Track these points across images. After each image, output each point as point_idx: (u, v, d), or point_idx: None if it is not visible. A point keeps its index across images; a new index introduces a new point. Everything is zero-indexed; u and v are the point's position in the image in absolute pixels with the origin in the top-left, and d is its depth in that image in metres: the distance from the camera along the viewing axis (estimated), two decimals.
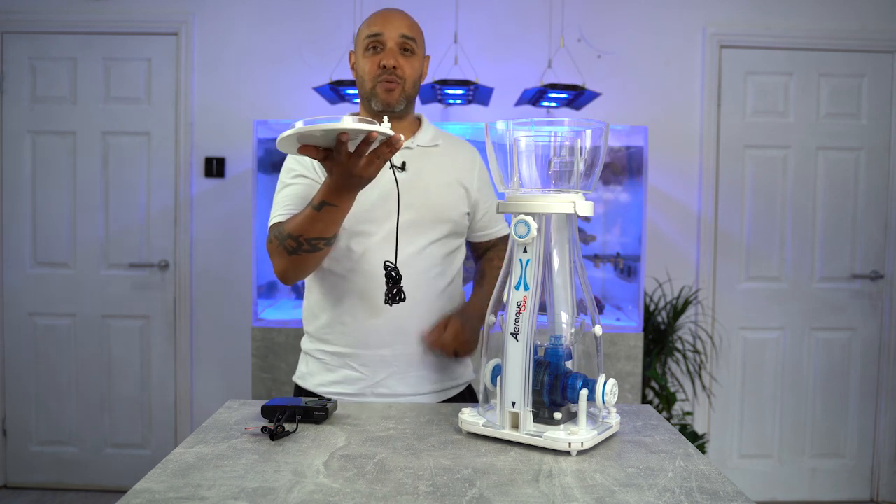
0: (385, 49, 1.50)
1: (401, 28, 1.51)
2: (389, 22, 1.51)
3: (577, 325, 1.21)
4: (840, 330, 3.29)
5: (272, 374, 2.73)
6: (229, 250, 3.21)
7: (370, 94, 1.52)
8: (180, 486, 0.97)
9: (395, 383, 1.54)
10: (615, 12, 3.21)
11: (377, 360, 1.52)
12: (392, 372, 1.53)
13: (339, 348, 1.54)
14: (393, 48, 1.50)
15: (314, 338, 1.59)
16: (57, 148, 3.22)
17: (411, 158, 1.55)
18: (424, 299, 1.53)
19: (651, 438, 1.22)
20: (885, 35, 3.21)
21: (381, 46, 1.51)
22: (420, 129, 1.61)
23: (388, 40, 1.50)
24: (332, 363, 1.56)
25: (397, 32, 1.50)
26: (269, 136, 2.94)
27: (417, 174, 1.53)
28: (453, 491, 0.97)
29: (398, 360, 1.53)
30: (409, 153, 1.55)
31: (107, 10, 3.17)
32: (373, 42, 1.51)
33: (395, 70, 1.50)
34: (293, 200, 1.49)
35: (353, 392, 1.54)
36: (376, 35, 1.50)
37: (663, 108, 3.22)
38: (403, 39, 1.51)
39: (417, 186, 1.52)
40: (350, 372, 1.54)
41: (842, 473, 3.32)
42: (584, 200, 1.20)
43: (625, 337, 2.75)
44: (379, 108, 1.53)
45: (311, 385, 1.58)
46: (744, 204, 3.26)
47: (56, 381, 3.26)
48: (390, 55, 1.50)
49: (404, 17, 1.54)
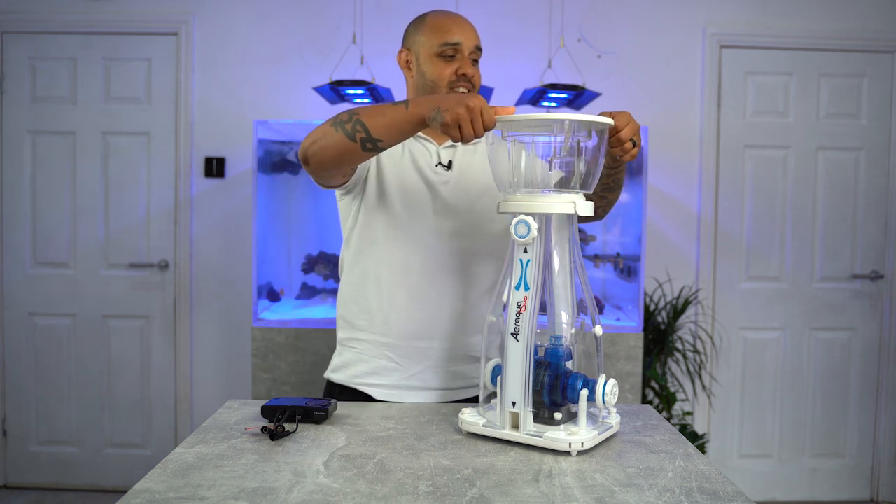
0: (463, 57, 1.54)
1: (475, 39, 1.56)
2: (466, 31, 1.55)
3: (578, 326, 1.21)
4: (840, 330, 3.29)
5: (272, 374, 2.73)
6: (229, 250, 3.21)
7: None
8: (180, 486, 0.97)
9: (430, 377, 1.55)
10: (615, 12, 3.21)
11: (414, 351, 1.54)
12: (428, 365, 1.54)
13: (377, 336, 1.55)
14: (467, 58, 1.55)
15: (351, 325, 1.60)
16: (57, 148, 3.22)
17: (457, 156, 1.57)
18: (466, 297, 1.55)
19: (651, 438, 1.22)
20: (885, 35, 3.21)
21: (458, 54, 1.54)
22: None
23: (465, 49, 1.54)
24: (368, 353, 1.56)
25: (473, 43, 1.55)
26: (269, 137, 2.94)
27: (462, 172, 1.56)
28: (453, 491, 0.97)
29: (435, 353, 1.54)
30: (456, 151, 1.58)
31: (107, 10, 3.17)
32: (450, 50, 1.54)
33: (470, 78, 1.55)
34: None
35: (387, 384, 1.55)
36: (455, 44, 1.53)
37: (663, 108, 3.22)
38: (476, 50, 1.56)
39: (461, 185, 1.55)
40: (386, 363, 1.55)
41: (842, 473, 3.32)
42: (584, 200, 1.20)
43: (625, 337, 2.75)
44: None
45: (346, 377, 1.58)
46: (744, 204, 3.26)
47: (56, 381, 3.26)
48: (468, 65, 1.54)
49: (473, 28, 1.59)
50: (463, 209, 1.55)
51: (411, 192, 1.53)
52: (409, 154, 1.56)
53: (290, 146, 3.01)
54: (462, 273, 1.55)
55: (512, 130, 1.24)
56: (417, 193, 1.53)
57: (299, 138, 3.00)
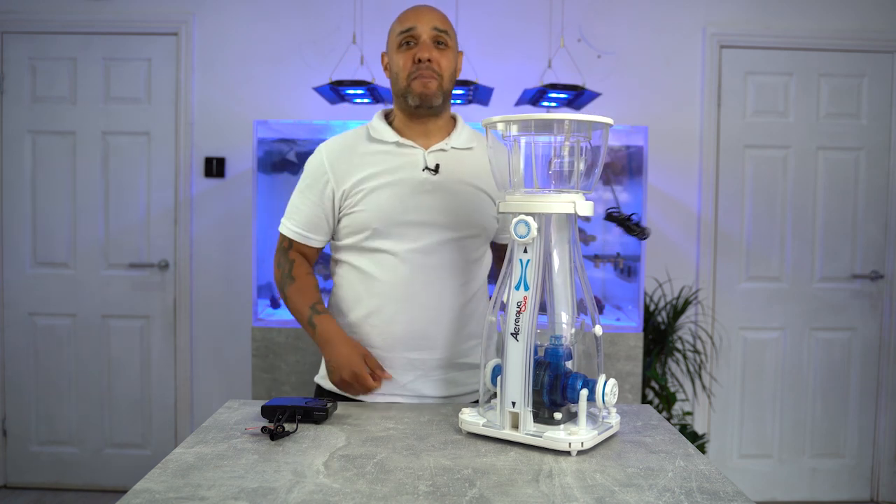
0: (419, 43, 1.48)
1: (433, 21, 1.48)
2: (422, 16, 1.49)
3: (577, 325, 1.21)
4: (840, 330, 3.29)
5: (272, 374, 2.73)
6: (229, 250, 3.21)
7: (405, 90, 1.49)
8: (180, 486, 0.97)
9: (421, 386, 1.52)
10: (615, 12, 3.21)
11: (403, 363, 1.51)
12: (418, 375, 1.52)
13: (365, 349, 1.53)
14: (427, 41, 1.47)
15: None
16: (57, 148, 3.22)
17: (445, 161, 1.52)
18: (451, 305, 1.51)
19: (651, 438, 1.22)
20: (885, 35, 3.21)
21: (415, 41, 1.48)
22: (455, 130, 1.57)
23: (421, 34, 1.47)
24: None
25: (430, 25, 1.48)
26: (269, 137, 2.94)
27: (449, 178, 1.51)
28: (453, 491, 0.97)
29: (424, 363, 1.51)
30: (444, 155, 1.53)
31: (107, 10, 3.17)
32: (406, 37, 1.48)
33: (430, 63, 1.47)
34: (298, 218, 1.57)
35: (378, 392, 1.51)
36: (409, 30, 1.47)
37: (663, 107, 3.22)
38: (437, 32, 1.48)
39: (448, 191, 1.50)
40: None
41: (842, 473, 3.32)
42: (584, 200, 1.20)
43: (625, 337, 2.75)
44: (416, 103, 1.49)
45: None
46: (744, 204, 3.26)
47: (56, 381, 3.26)
48: (425, 48, 1.47)
49: (435, 11, 1.51)
50: (450, 214, 1.50)
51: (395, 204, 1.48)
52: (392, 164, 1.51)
53: (290, 146, 3.01)
54: (449, 280, 1.51)
55: (510, 131, 1.24)
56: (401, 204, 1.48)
57: (299, 138, 3.01)
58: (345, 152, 1.53)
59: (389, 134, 1.53)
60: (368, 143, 1.54)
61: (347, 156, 1.52)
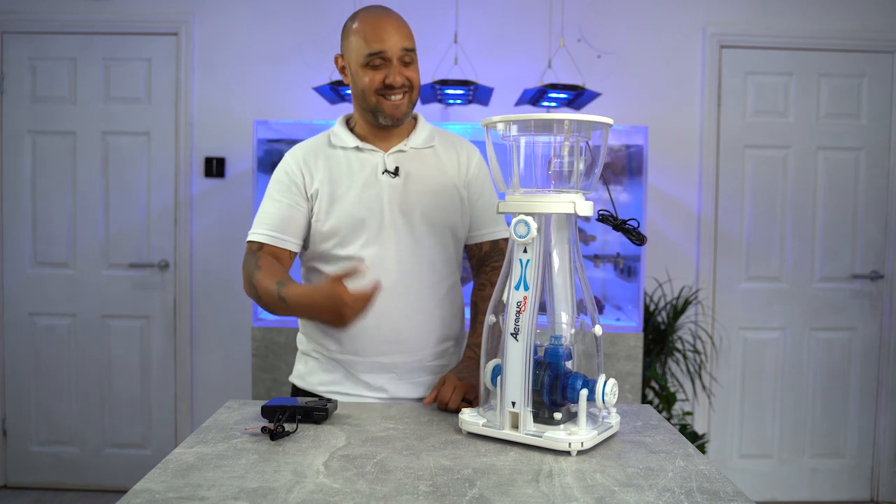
0: (390, 66, 1.44)
1: (402, 41, 1.44)
2: (389, 37, 1.43)
3: (577, 325, 1.21)
4: (840, 330, 3.29)
5: (272, 374, 2.73)
6: (229, 250, 3.21)
7: (374, 108, 1.47)
8: (180, 486, 0.97)
9: (396, 388, 1.52)
10: (615, 12, 3.21)
11: (377, 366, 1.50)
12: (392, 377, 1.51)
13: (336, 354, 1.52)
14: (397, 64, 1.44)
15: (311, 339, 1.57)
16: (57, 148, 3.22)
17: (404, 162, 1.51)
18: (423, 307, 1.50)
19: (651, 438, 1.22)
20: (885, 35, 3.21)
21: (385, 62, 1.44)
22: (415, 130, 1.56)
23: (391, 57, 1.43)
24: (330, 365, 1.54)
25: (399, 46, 1.44)
26: (269, 137, 2.94)
27: (410, 178, 1.50)
28: (453, 491, 0.97)
29: (398, 367, 1.50)
30: (403, 156, 1.52)
31: (107, 10, 3.17)
32: (376, 59, 1.44)
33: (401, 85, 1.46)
34: (270, 221, 1.51)
35: (355, 392, 1.52)
36: (378, 53, 1.43)
37: (663, 107, 3.22)
38: (405, 52, 1.45)
39: (411, 192, 1.49)
40: (347, 373, 1.52)
41: (842, 473, 3.32)
42: (584, 200, 1.20)
43: (625, 337, 2.75)
44: (388, 123, 1.49)
45: (311, 384, 1.56)
46: (744, 204, 3.26)
47: (56, 381, 3.26)
48: (396, 73, 1.44)
49: (400, 27, 1.46)
50: (413, 215, 1.49)
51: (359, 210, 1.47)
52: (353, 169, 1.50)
53: (290, 146, 3.01)
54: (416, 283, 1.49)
55: (509, 131, 1.24)
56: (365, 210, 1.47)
57: (299, 138, 3.00)
58: (310, 158, 1.53)
59: (350, 139, 1.53)
60: (330, 149, 1.54)
61: (313, 161, 1.52)
